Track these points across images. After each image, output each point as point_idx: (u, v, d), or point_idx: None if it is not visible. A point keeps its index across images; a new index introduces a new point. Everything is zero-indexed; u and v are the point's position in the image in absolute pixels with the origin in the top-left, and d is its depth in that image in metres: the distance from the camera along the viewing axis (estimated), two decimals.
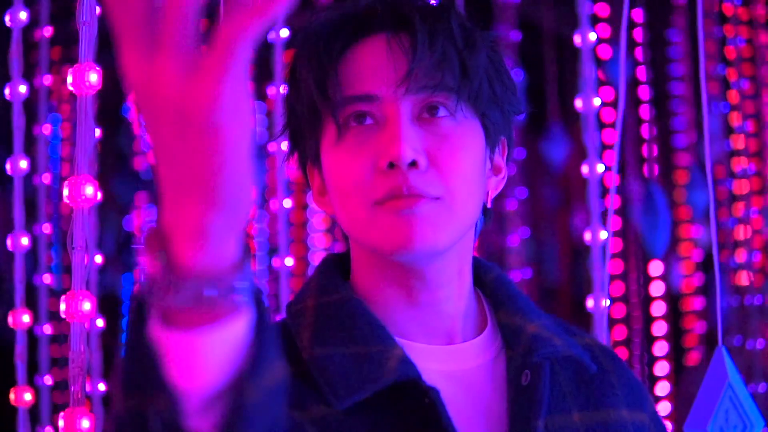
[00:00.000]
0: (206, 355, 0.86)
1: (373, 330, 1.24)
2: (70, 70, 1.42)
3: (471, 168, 1.24)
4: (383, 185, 1.21)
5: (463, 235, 1.26)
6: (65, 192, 1.41)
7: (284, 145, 2.43)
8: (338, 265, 1.34)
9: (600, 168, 2.15)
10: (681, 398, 4.13)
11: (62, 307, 1.37)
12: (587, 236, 2.12)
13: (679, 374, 4.41)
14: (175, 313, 0.86)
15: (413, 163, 1.20)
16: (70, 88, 1.42)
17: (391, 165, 1.20)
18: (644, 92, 4.31)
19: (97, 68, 1.41)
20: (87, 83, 1.40)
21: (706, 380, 1.69)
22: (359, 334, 1.24)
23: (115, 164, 5.29)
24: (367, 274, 1.29)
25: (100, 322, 2.40)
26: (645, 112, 4.34)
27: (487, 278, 1.37)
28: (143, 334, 0.87)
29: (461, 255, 1.29)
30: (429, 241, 1.21)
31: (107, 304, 5.83)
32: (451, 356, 1.28)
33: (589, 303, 2.15)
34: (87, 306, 1.37)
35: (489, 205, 1.33)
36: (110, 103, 5.73)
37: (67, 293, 1.38)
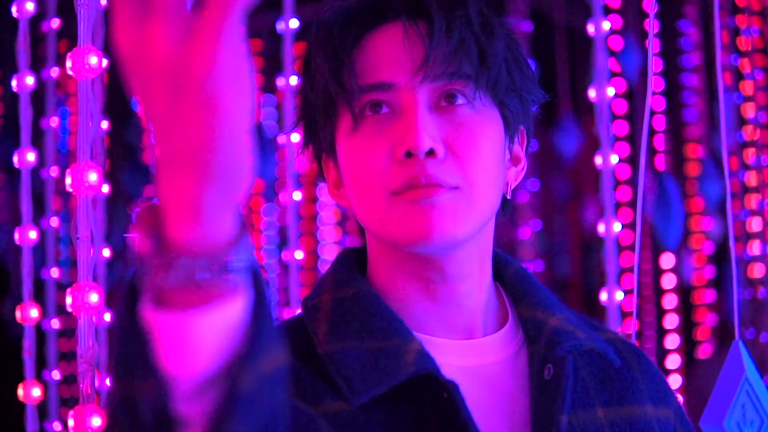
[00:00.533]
0: (199, 337, 0.83)
1: (390, 324, 1.21)
2: (69, 54, 1.38)
3: (490, 157, 1.21)
4: (400, 175, 1.18)
5: (482, 226, 1.23)
6: (68, 180, 1.37)
7: (296, 137, 2.45)
8: (355, 259, 1.31)
9: (614, 159, 2.12)
10: (693, 391, 4.11)
11: (68, 300, 1.34)
12: (601, 228, 2.09)
13: (690, 367, 4.39)
14: (167, 294, 0.83)
15: (431, 152, 1.18)
16: (70, 72, 1.38)
17: (409, 154, 1.18)
18: (656, 83, 4.28)
19: (98, 52, 1.38)
20: (87, 66, 1.36)
21: (723, 374, 1.66)
22: (376, 327, 1.21)
23: (125, 158, 5.27)
24: (384, 267, 1.27)
25: (107, 316, 2.37)
26: (657, 103, 4.32)
27: (507, 272, 1.34)
28: (135, 316, 0.84)
29: (481, 247, 1.26)
30: (448, 232, 1.18)
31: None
32: (471, 351, 1.25)
33: (603, 296, 2.13)
34: (94, 298, 1.33)
35: (509, 196, 1.30)
36: (118, 96, 5.72)
37: (73, 285, 1.35)
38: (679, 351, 4.37)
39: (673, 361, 4.31)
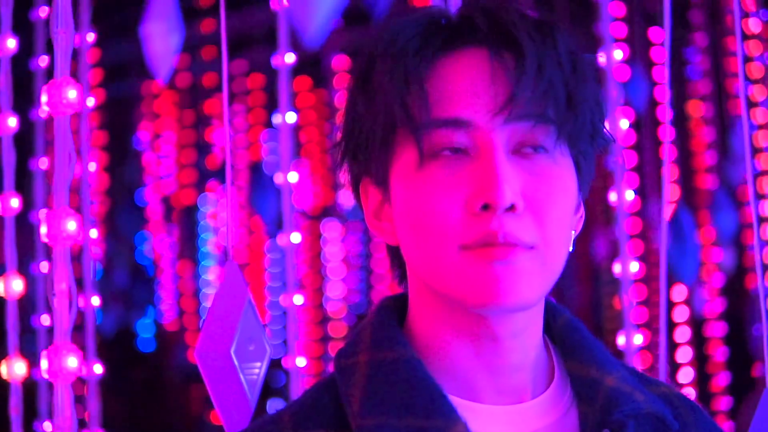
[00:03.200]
0: None
1: (433, 400, 1.08)
2: (45, 87, 1.25)
3: (566, 213, 1.10)
4: (475, 229, 1.06)
5: (552, 286, 1.12)
6: (43, 229, 1.23)
7: (294, 177, 2.36)
8: (396, 311, 1.18)
9: (629, 195, 2.01)
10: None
11: (44, 365, 1.20)
12: (617, 269, 1.99)
13: (704, 401, 4.30)
14: None
15: (511, 207, 1.06)
16: (45, 108, 1.25)
17: (486, 206, 1.05)
18: (663, 113, 4.21)
19: (78, 84, 1.24)
20: (65, 101, 1.23)
21: (755, 424, 1.57)
22: (417, 404, 1.08)
23: (124, 197, 5.19)
24: (430, 320, 1.14)
25: (99, 368, 2.27)
26: (665, 132, 4.24)
27: (556, 323, 1.21)
28: None
29: (539, 303, 1.14)
30: (521, 297, 1.06)
31: (117, 343, 5.74)
32: (520, 416, 1.13)
33: (621, 340, 2.04)
34: (73, 362, 1.21)
35: (571, 249, 1.16)
36: (117, 132, 5.64)
37: (49, 348, 1.22)
38: (692, 384, 4.27)
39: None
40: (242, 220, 5.44)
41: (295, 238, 2.29)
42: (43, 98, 1.25)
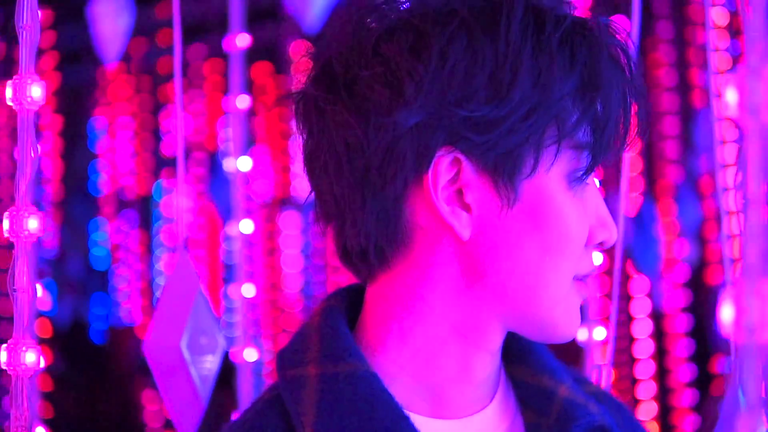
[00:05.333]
0: None
1: (394, 420, 1.02)
2: (10, 82, 1.22)
3: None
4: (588, 262, 1.06)
5: None
6: (5, 225, 1.22)
7: (243, 164, 2.29)
8: (344, 311, 1.10)
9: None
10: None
11: (2, 357, 1.20)
12: None
13: (664, 396, 4.28)
14: None
15: None
16: (10, 103, 1.23)
17: (601, 243, 1.07)
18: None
19: (41, 80, 1.23)
20: (29, 99, 1.21)
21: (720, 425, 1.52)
22: (378, 426, 1.02)
23: (76, 186, 5.10)
24: (422, 330, 1.05)
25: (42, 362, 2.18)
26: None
27: None
28: None
29: None
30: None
31: (69, 332, 5.64)
32: (480, 426, 1.09)
33: (582, 335, 1.99)
34: (31, 357, 1.20)
35: None
36: (72, 118, 5.54)
37: (9, 342, 1.21)
38: (654, 379, 4.25)
39: (648, 390, 4.19)
40: (201, 210, 5.35)
41: (246, 227, 2.21)
42: (8, 93, 1.23)
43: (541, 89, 0.99)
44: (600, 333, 2.04)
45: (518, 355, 1.14)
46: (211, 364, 1.53)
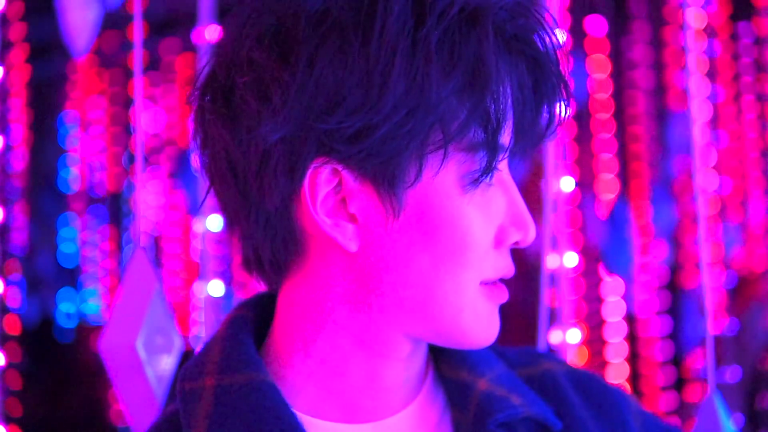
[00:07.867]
0: None
1: (284, 429, 0.97)
2: None
3: None
4: (499, 265, 0.99)
5: None
6: None
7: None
8: (250, 322, 1.05)
9: (568, 184, 1.91)
10: None
11: None
12: (553, 262, 1.89)
13: (638, 398, 4.27)
14: None
15: None
16: None
17: (516, 243, 1.01)
18: (605, 105, 4.17)
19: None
20: None
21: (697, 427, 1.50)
22: None
23: (44, 181, 5.03)
24: (332, 339, 1.00)
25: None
26: (606, 125, 4.20)
27: None
28: None
29: None
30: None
31: (38, 329, 5.58)
32: (395, 429, 1.03)
33: (555, 337, 1.95)
34: None
35: None
36: (42, 112, 5.48)
37: None
38: (628, 381, 4.22)
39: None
40: (173, 206, 5.30)
41: (214, 224, 2.17)
42: None
43: (418, 92, 0.91)
44: (574, 335, 2.01)
45: (442, 351, 1.09)
46: (166, 364, 1.50)
